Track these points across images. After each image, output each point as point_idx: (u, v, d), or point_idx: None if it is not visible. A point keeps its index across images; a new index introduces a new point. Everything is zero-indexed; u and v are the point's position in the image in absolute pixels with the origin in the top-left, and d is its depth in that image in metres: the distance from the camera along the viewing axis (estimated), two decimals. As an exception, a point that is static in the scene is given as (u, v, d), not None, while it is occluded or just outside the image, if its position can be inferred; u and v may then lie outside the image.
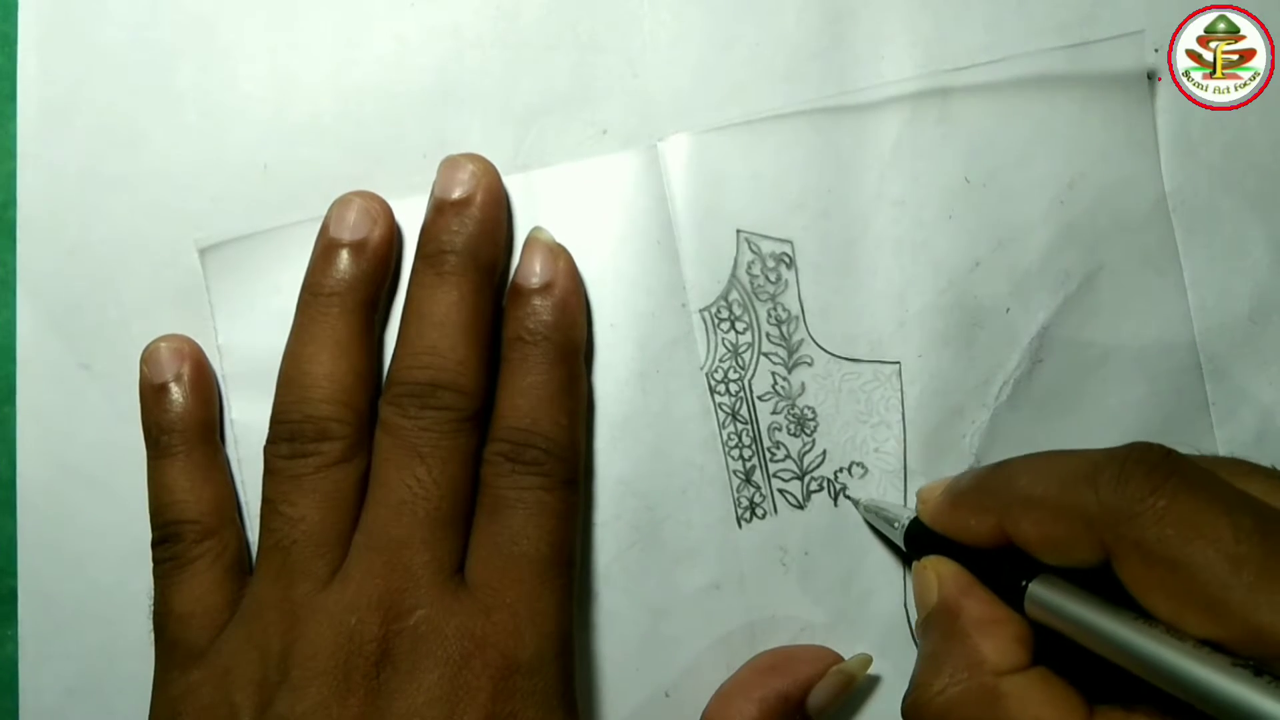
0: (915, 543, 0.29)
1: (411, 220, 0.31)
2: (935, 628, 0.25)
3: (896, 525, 0.30)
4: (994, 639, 0.24)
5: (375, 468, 0.29)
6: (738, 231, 0.32)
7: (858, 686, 0.31)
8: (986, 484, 0.26)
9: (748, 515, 0.32)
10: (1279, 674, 0.19)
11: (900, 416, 0.32)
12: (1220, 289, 0.32)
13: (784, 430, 0.32)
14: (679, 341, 0.32)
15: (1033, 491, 0.23)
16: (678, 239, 0.32)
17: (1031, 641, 0.24)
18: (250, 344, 0.32)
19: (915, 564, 0.28)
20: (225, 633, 0.29)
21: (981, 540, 0.25)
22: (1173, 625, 0.20)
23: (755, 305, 0.32)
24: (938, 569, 0.26)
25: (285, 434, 0.29)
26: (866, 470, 0.32)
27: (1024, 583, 0.24)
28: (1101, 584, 0.22)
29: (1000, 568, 0.25)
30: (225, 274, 0.32)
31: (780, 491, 0.32)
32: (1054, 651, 0.24)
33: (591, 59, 0.32)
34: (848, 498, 0.32)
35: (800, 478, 0.32)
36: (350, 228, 0.30)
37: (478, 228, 0.30)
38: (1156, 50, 0.32)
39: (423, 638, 0.27)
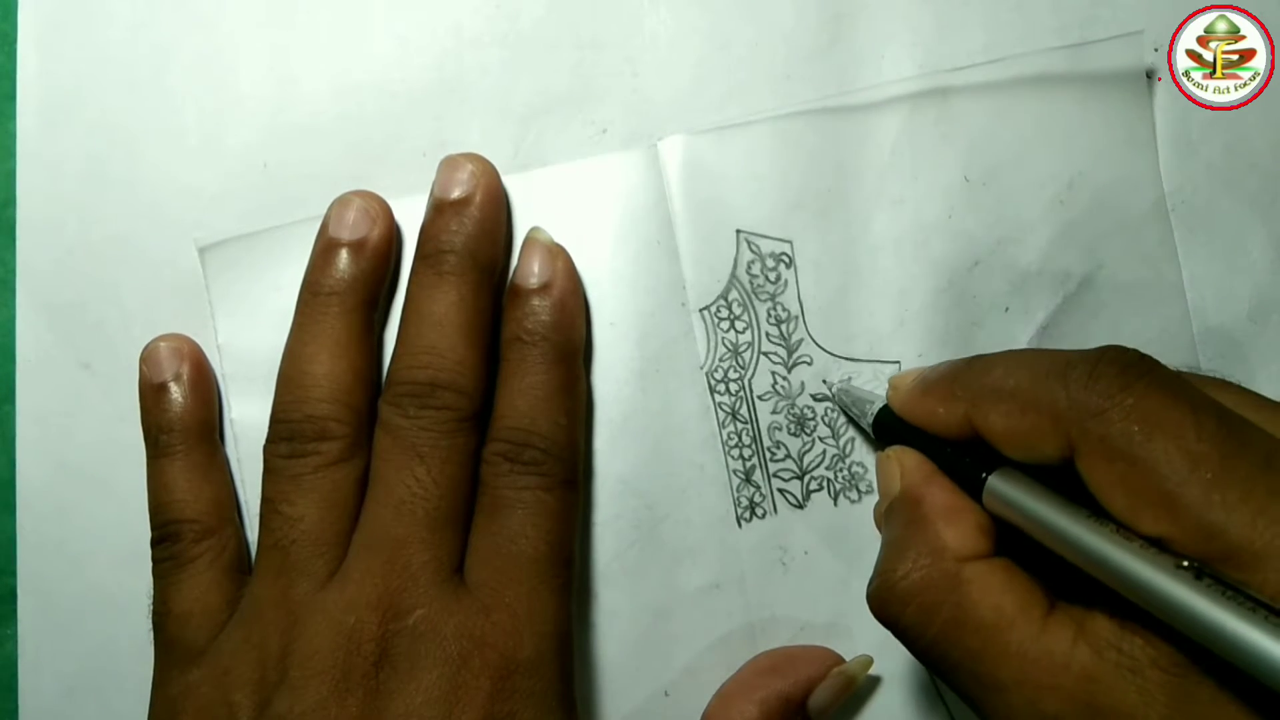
0: (883, 431, 0.28)
1: (411, 220, 0.31)
2: (898, 515, 0.25)
3: (868, 410, 0.29)
4: (956, 526, 0.24)
5: (375, 467, 0.29)
6: (737, 231, 0.32)
7: (858, 688, 0.31)
8: (959, 374, 0.25)
9: (748, 515, 0.32)
10: (1222, 577, 0.19)
11: (900, 416, 0.32)
12: (1220, 289, 0.32)
13: (784, 430, 0.32)
14: (679, 341, 0.32)
15: (1004, 384, 0.23)
16: (677, 238, 0.32)
17: (993, 532, 0.24)
18: (250, 343, 0.32)
19: (879, 454, 0.27)
20: (224, 632, 0.29)
21: (949, 430, 0.25)
22: (1127, 524, 0.20)
23: (755, 305, 0.32)
24: (901, 458, 0.26)
25: (285, 433, 0.29)
26: (867, 469, 0.32)
27: (984, 475, 0.24)
28: (1062, 485, 0.22)
29: (963, 461, 0.25)
30: (225, 273, 0.32)
31: (780, 491, 0.32)
32: (1019, 549, 0.24)
33: (591, 59, 0.32)
34: (828, 392, 0.32)
35: (800, 477, 0.32)
36: (350, 227, 0.30)
37: (477, 228, 0.30)
38: (1156, 50, 0.32)
39: (421, 637, 0.27)
